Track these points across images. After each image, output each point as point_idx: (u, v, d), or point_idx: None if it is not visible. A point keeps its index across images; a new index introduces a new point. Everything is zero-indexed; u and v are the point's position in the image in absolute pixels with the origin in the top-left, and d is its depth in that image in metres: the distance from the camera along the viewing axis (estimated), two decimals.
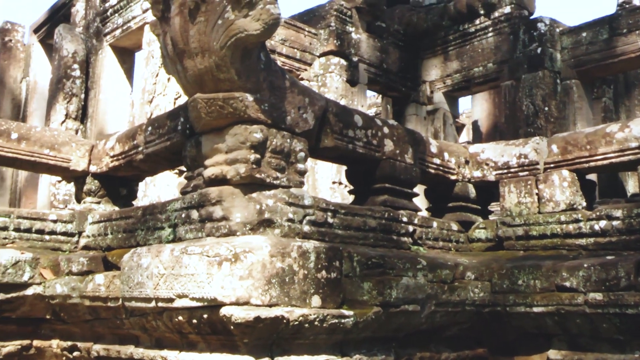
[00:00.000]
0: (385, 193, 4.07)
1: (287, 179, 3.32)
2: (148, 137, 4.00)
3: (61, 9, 10.52)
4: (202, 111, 3.19)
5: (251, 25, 2.93)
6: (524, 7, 9.47)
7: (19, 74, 11.44)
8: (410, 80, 10.39)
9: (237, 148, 3.17)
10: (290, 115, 3.35)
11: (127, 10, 8.58)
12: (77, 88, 9.01)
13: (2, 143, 4.10)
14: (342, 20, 9.46)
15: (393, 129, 4.11)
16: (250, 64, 3.12)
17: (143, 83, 8.02)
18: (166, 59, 3.30)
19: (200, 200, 3.25)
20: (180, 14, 3.06)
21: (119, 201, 4.64)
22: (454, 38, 9.96)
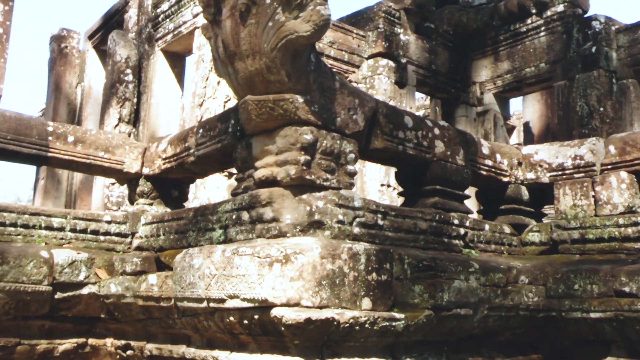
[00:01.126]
0: (435, 195, 4.02)
1: (337, 180, 3.31)
2: (199, 139, 4.05)
3: (114, 16, 10.76)
4: (252, 113, 3.21)
5: (301, 26, 2.93)
6: (577, 5, 9.24)
7: (74, 79, 11.74)
8: (460, 81, 10.26)
9: (287, 149, 3.18)
10: (340, 116, 3.34)
11: (178, 15, 8.72)
12: (130, 92, 9.20)
13: (60, 146, 4.21)
14: (390, 21, 9.41)
15: (444, 130, 4.05)
16: (301, 65, 3.12)
17: (193, 87, 8.13)
18: (217, 61, 3.34)
19: (251, 202, 3.26)
20: (231, 16, 3.09)
21: (170, 203, 4.70)
22: (505, 38, 9.79)
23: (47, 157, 4.21)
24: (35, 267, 3.63)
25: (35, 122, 4.20)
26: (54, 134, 4.22)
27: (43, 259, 3.67)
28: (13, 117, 4.04)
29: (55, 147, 4.21)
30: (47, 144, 4.17)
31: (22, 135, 4.04)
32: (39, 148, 4.14)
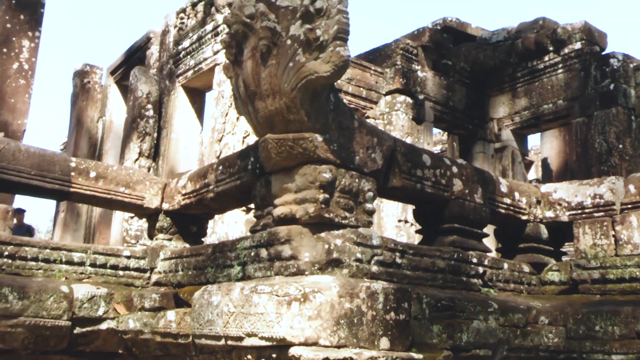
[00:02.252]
0: (454, 233, 4.01)
1: (356, 218, 3.32)
2: (219, 176, 4.09)
3: (137, 52, 10.97)
4: (272, 151, 3.25)
5: (321, 67, 2.98)
6: (595, 43, 9.28)
7: (96, 114, 11.94)
8: (477, 117, 10.30)
9: (306, 188, 3.20)
10: (359, 155, 3.37)
11: (198, 52, 8.88)
12: (150, 127, 9.33)
13: (82, 181, 4.27)
14: (407, 58, 9.50)
15: (462, 169, 4.06)
16: (320, 105, 3.16)
17: (213, 122, 8.24)
18: (238, 100, 3.39)
19: (269, 239, 3.28)
20: (252, 57, 3.15)
21: (189, 238, 4.73)
22: (522, 75, 9.83)
23: (69, 192, 4.27)
24: (55, 301, 3.66)
25: (58, 157, 4.27)
26: (76, 169, 4.29)
27: (63, 294, 3.70)
28: (37, 153, 4.12)
29: (77, 183, 4.27)
30: (69, 179, 4.23)
31: (46, 170, 4.11)
32: (61, 183, 4.20)
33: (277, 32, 3.06)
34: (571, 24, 9.35)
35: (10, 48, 8.11)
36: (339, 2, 3.00)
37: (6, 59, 8.07)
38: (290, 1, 3.08)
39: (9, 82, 8.05)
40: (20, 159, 4.01)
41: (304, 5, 3.03)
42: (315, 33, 2.98)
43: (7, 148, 3.99)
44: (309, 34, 2.98)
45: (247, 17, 3.13)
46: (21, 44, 8.20)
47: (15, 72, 8.10)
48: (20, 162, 4.00)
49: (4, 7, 8.23)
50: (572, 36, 9.27)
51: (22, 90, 8.09)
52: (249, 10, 3.12)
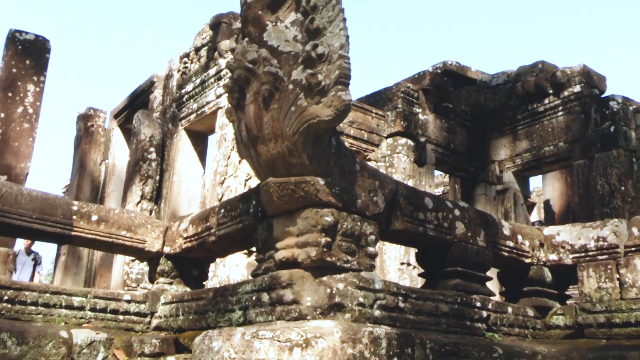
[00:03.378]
0: (457, 277, 3.98)
1: (358, 262, 3.30)
2: (220, 219, 4.08)
3: (140, 96, 11.09)
4: (274, 195, 3.25)
5: (323, 111, 3.00)
6: (594, 85, 9.37)
7: (99, 156, 12.00)
8: (479, 160, 10.33)
9: (308, 231, 3.19)
10: (361, 198, 3.37)
11: (201, 96, 8.97)
12: (153, 170, 9.36)
13: (83, 225, 4.26)
14: (408, 101, 9.59)
15: (464, 212, 4.06)
16: (322, 148, 3.17)
17: (215, 165, 8.27)
18: (240, 144, 3.41)
19: (271, 283, 3.25)
20: (254, 101, 3.18)
21: (190, 282, 4.70)
22: (523, 117, 9.90)
23: (70, 236, 4.26)
24: (54, 347, 3.61)
25: (60, 201, 4.28)
26: (78, 213, 4.29)
27: (62, 339, 3.66)
28: (39, 196, 4.13)
29: (79, 226, 4.27)
30: (71, 222, 4.23)
31: (48, 214, 4.11)
32: (62, 227, 4.20)
33: (279, 77, 3.09)
34: (570, 67, 9.46)
35: (16, 92, 8.20)
36: (340, 48, 3.04)
37: (11, 103, 8.15)
38: (292, 47, 3.13)
39: (13, 126, 8.11)
40: (23, 202, 4.02)
41: (305, 50, 3.07)
42: (317, 78, 3.01)
43: (10, 192, 4.00)
44: (310, 79, 3.01)
45: (250, 62, 3.17)
46: (26, 88, 8.30)
47: (19, 116, 8.18)
48: (23, 206, 4.00)
49: (10, 52, 8.36)
50: (572, 79, 9.36)
51: (26, 134, 8.15)
52: (251, 55, 3.17)
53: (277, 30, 3.18)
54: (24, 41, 8.50)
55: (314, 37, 3.09)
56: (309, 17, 3.11)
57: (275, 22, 3.21)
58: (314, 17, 3.09)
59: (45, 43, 8.69)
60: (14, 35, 8.51)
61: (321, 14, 3.10)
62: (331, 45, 3.05)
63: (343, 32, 3.08)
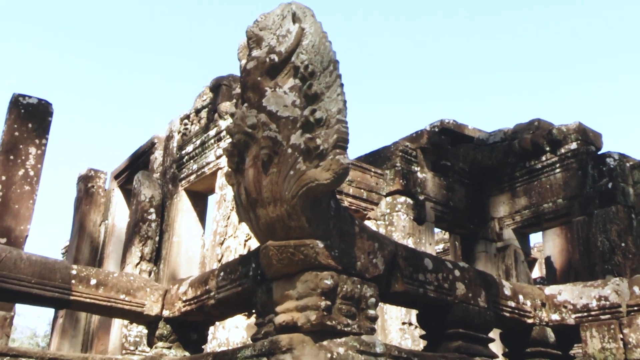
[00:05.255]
0: (459, 339, 3.94)
1: (358, 325, 3.28)
2: (220, 282, 4.07)
3: (141, 157, 11.18)
4: (273, 258, 3.25)
5: (322, 175, 3.04)
6: (590, 142, 9.47)
7: (99, 217, 12.00)
8: (478, 217, 10.33)
9: (307, 295, 3.18)
10: (360, 260, 3.37)
11: (201, 157, 9.05)
12: (152, 231, 9.36)
13: (82, 289, 4.24)
14: (407, 160, 9.67)
15: (464, 272, 4.05)
16: (320, 211, 3.20)
17: (215, 225, 8.27)
18: (239, 207, 3.43)
19: (271, 348, 3.22)
20: (253, 165, 3.22)
21: (189, 346, 4.64)
22: (521, 175, 9.96)
23: (69, 300, 4.23)
24: None
25: (59, 265, 4.27)
26: (77, 277, 4.27)
27: None
28: (39, 261, 4.12)
29: (78, 291, 4.24)
30: (70, 287, 4.21)
31: (47, 279, 4.10)
32: (61, 291, 4.17)
33: (278, 142, 3.14)
34: (566, 125, 9.58)
35: (17, 155, 8.27)
36: (338, 112, 3.11)
37: (12, 166, 8.21)
38: (291, 111, 3.19)
39: (14, 189, 8.15)
40: (22, 267, 4.01)
41: (304, 115, 3.13)
42: (316, 142, 3.06)
43: (9, 256, 3.99)
44: (309, 143, 3.06)
45: (249, 127, 3.23)
46: (28, 151, 8.37)
47: (20, 179, 8.23)
48: (22, 271, 3.99)
49: (13, 116, 8.46)
50: (568, 136, 9.47)
51: (27, 197, 8.18)
52: (250, 120, 3.22)
53: (276, 95, 3.25)
54: (27, 105, 8.62)
55: (312, 102, 3.16)
56: (307, 83, 3.18)
57: (274, 88, 3.29)
58: (312, 82, 3.17)
59: (48, 106, 8.82)
60: (17, 100, 8.64)
61: (319, 80, 3.18)
62: (329, 110, 3.12)
63: (340, 97, 3.16)
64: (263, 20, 3.45)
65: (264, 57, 3.32)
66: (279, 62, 3.30)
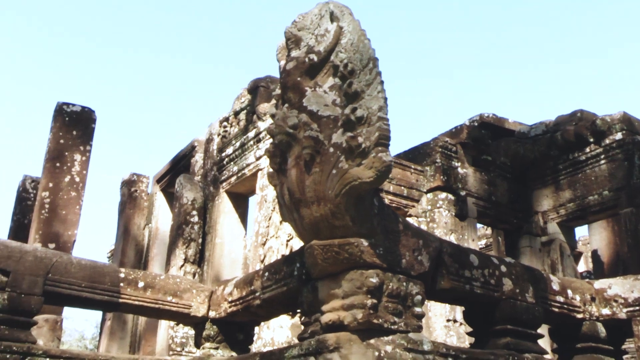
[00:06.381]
0: (507, 335, 3.89)
1: (405, 323, 3.27)
2: (265, 282, 4.09)
3: (181, 160, 11.33)
4: (318, 257, 3.26)
5: (364, 173, 3.04)
6: (635, 132, 9.22)
7: (142, 221, 12.21)
8: (521, 211, 10.17)
9: (353, 293, 3.18)
10: (405, 258, 3.35)
11: (241, 158, 9.12)
12: (195, 233, 9.48)
13: (131, 292, 4.32)
14: (447, 156, 9.57)
15: (511, 267, 3.99)
16: (364, 209, 3.19)
17: (256, 226, 8.33)
18: (283, 207, 3.45)
19: (318, 347, 3.23)
20: (296, 165, 3.23)
21: (236, 346, 4.68)
22: (565, 167, 9.77)
23: (118, 303, 4.31)
24: None
25: (108, 269, 4.35)
26: (125, 280, 4.35)
27: None
28: (88, 265, 4.21)
29: (126, 293, 4.32)
30: (118, 290, 4.29)
31: (96, 282, 4.18)
32: (111, 295, 4.25)
33: (320, 141, 3.14)
34: (610, 115, 9.36)
35: (63, 162, 8.48)
36: (379, 110, 3.10)
37: (59, 173, 8.42)
38: (332, 111, 3.19)
39: (61, 195, 8.36)
40: (72, 271, 4.10)
41: (345, 114, 3.13)
42: (357, 140, 3.06)
43: (60, 261, 4.09)
44: (351, 142, 3.06)
45: (291, 127, 3.24)
46: (73, 157, 8.58)
47: (67, 185, 8.43)
48: (72, 275, 4.08)
49: (58, 124, 8.68)
50: (612, 127, 9.24)
51: (73, 202, 8.38)
52: (292, 121, 3.23)
53: (316, 95, 3.26)
54: (71, 113, 8.83)
55: (352, 100, 3.15)
56: (347, 82, 3.18)
57: (314, 88, 3.29)
58: (352, 81, 3.16)
59: (91, 114, 9.01)
60: (61, 108, 8.85)
61: (359, 78, 3.17)
62: (370, 108, 3.11)
63: (381, 95, 3.14)
64: (301, 21, 3.46)
65: (303, 57, 3.33)
66: (318, 62, 3.30)
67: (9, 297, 3.83)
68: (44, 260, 4.01)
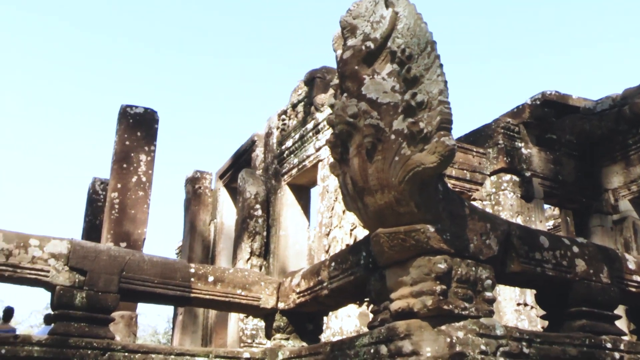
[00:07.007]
0: (582, 317, 3.79)
1: (476, 308, 3.22)
2: (332, 272, 4.11)
3: (242, 155, 11.48)
4: (384, 245, 3.25)
5: (427, 158, 3.00)
6: None
7: (207, 217, 12.45)
8: (590, 189, 9.86)
9: (422, 280, 3.16)
10: (473, 242, 3.30)
11: (301, 150, 9.17)
12: (260, 226, 9.60)
13: (201, 286, 4.41)
14: (509, 136, 9.36)
15: (583, 248, 3.88)
16: (429, 195, 3.16)
17: (319, 217, 8.37)
18: (346, 197, 3.45)
19: (388, 335, 3.22)
20: (358, 154, 3.22)
21: (306, 337, 4.73)
22: (634, 142, 9.40)
23: (190, 297, 4.42)
24: None
25: (179, 264, 4.46)
26: (195, 274, 4.45)
27: None
28: (160, 262, 4.33)
29: (197, 288, 4.42)
30: (189, 285, 4.39)
31: (168, 278, 4.29)
32: (182, 289, 4.36)
33: (381, 129, 3.13)
34: None
35: (130, 163, 8.74)
36: (439, 94, 3.05)
37: (126, 174, 8.69)
38: (391, 97, 3.17)
39: (129, 195, 8.62)
40: (145, 268, 4.22)
41: (405, 100, 3.10)
42: (419, 126, 3.02)
43: (133, 259, 4.22)
44: (412, 127, 3.03)
45: (351, 116, 3.23)
46: (139, 158, 8.82)
47: (134, 185, 8.68)
48: (145, 272, 4.21)
49: (123, 126, 8.94)
50: None
51: (141, 201, 8.63)
52: (351, 110, 3.22)
53: (374, 82, 3.24)
54: (135, 115, 9.07)
55: (411, 85, 3.12)
56: (405, 67, 3.15)
57: (372, 75, 3.27)
58: (410, 66, 3.13)
59: (154, 114, 9.24)
60: (125, 110, 9.10)
61: (417, 63, 3.14)
62: (430, 92, 3.07)
63: (441, 78, 3.09)
64: (356, 9, 3.44)
65: (359, 45, 3.31)
66: (375, 49, 3.28)
67: (87, 296, 3.98)
68: (118, 259, 4.14)
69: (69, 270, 3.97)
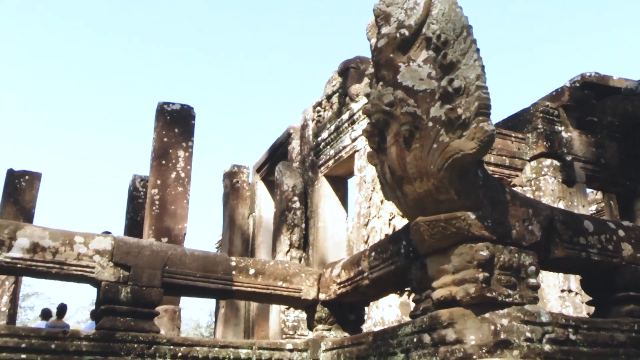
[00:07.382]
0: (630, 302, 3.70)
1: (520, 295, 3.18)
2: (372, 262, 4.10)
3: (279, 148, 11.53)
4: (425, 233, 3.22)
5: (466, 144, 2.96)
6: None
7: (246, 210, 12.55)
8: (634, 172, 9.62)
9: (463, 268, 3.13)
10: (515, 228, 3.25)
11: (337, 141, 9.16)
12: (298, 219, 9.63)
13: (242, 279, 4.45)
14: (549, 120, 9.19)
15: (629, 231, 3.79)
16: (468, 182, 3.12)
17: (357, 207, 8.35)
18: (385, 186, 3.43)
19: (431, 324, 3.20)
20: (395, 143, 3.20)
21: (347, 327, 4.73)
22: None
23: (232, 290, 4.46)
24: None
25: (220, 258, 4.50)
26: (236, 268, 4.49)
27: None
28: (201, 255, 4.37)
29: (239, 281, 4.45)
30: (231, 278, 4.43)
31: (210, 271, 4.34)
32: (224, 283, 4.40)
33: (418, 116, 3.10)
34: None
35: (168, 159, 8.85)
36: (477, 79, 3.01)
37: (165, 170, 8.80)
38: (428, 84, 3.13)
39: (168, 191, 8.73)
40: (187, 262, 4.27)
41: (441, 86, 3.06)
42: (457, 112, 2.98)
43: (175, 254, 4.27)
44: (450, 114, 2.99)
45: (387, 105, 3.21)
46: (177, 154, 8.93)
47: (173, 181, 8.80)
48: (187, 266, 4.26)
49: (161, 123, 9.06)
50: None
51: (181, 197, 8.74)
52: (387, 98, 3.20)
53: (410, 70, 3.21)
54: (172, 111, 9.17)
55: (448, 71, 3.08)
56: (441, 53, 3.10)
57: (407, 63, 3.24)
58: (446, 52, 3.09)
59: (190, 110, 9.33)
60: (162, 108, 9.21)
61: (453, 48, 3.09)
62: (467, 78, 3.02)
63: (478, 63, 3.05)
64: None
65: (394, 32, 3.28)
66: (410, 36, 3.24)
67: (132, 290, 4.05)
68: (160, 254, 4.20)
69: (114, 266, 4.04)
